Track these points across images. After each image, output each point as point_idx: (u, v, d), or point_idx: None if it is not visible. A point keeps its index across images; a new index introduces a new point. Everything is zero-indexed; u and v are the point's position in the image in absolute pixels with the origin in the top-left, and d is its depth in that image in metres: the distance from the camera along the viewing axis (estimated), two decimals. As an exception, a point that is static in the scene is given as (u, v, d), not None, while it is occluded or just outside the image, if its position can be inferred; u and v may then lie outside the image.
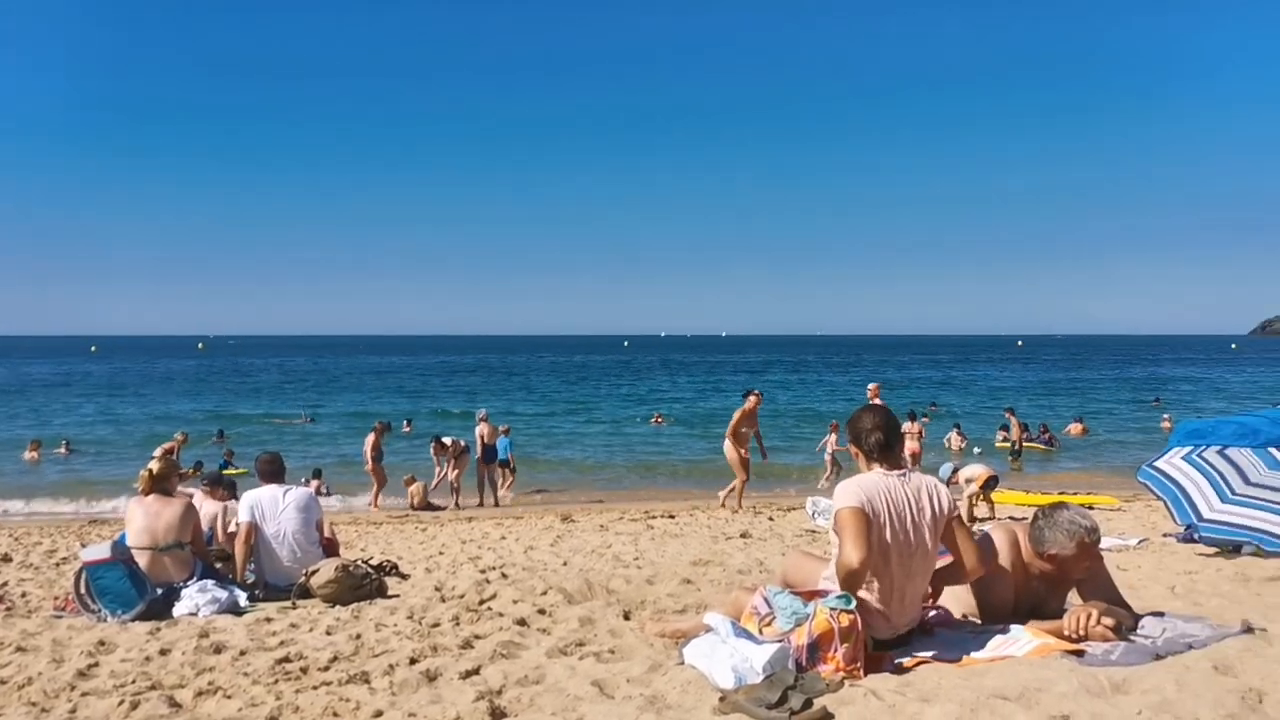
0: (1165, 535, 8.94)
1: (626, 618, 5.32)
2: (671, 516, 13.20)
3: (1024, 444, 23.82)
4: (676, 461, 23.28)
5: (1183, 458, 7.81)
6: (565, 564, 8.29)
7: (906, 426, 17.50)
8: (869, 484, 4.02)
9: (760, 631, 4.01)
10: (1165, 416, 29.03)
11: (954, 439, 24.76)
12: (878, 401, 15.29)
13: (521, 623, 5.23)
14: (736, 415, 13.66)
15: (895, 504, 3.97)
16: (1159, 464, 7.89)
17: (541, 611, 5.50)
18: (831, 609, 3.80)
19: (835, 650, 3.74)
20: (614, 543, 10.08)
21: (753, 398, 13.78)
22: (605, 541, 10.23)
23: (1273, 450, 7.56)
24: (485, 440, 17.25)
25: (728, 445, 13.94)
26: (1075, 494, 15.45)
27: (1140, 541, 8.85)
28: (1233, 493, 7.37)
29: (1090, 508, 13.56)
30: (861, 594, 3.93)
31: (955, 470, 13.02)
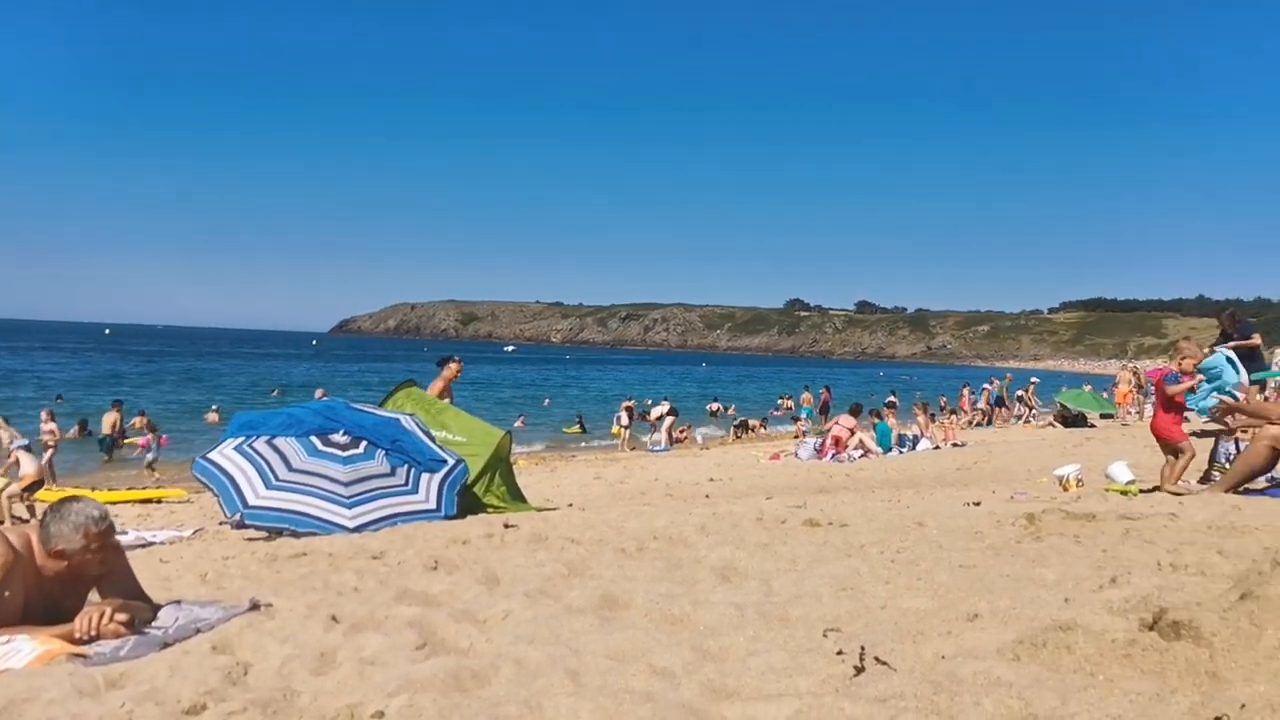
0: (221, 523, 9.30)
1: None
2: None
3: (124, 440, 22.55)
4: None
5: (234, 448, 8.21)
6: None
7: None
8: None
9: None
10: (214, 408, 30.32)
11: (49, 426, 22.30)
12: None
13: None
14: (436, 385, 11.56)
15: None
16: (211, 455, 8.18)
17: None
18: None
19: None
20: None
21: (454, 365, 11.85)
22: None
23: (313, 438, 8.41)
24: None
25: None
26: (146, 489, 15.20)
27: (196, 531, 9.08)
28: (277, 479, 7.99)
29: (159, 501, 13.51)
30: None
31: None
